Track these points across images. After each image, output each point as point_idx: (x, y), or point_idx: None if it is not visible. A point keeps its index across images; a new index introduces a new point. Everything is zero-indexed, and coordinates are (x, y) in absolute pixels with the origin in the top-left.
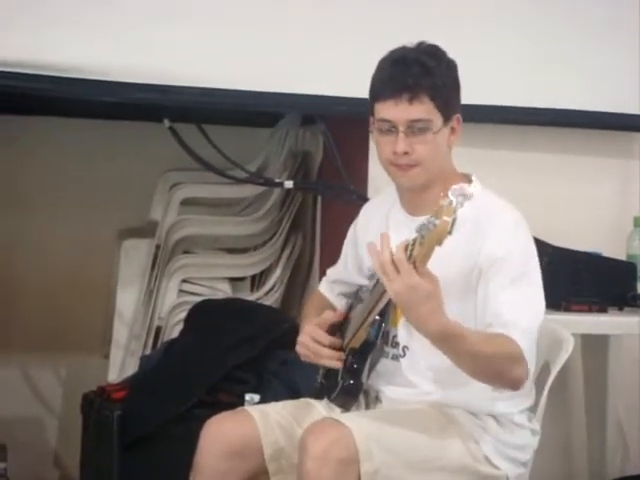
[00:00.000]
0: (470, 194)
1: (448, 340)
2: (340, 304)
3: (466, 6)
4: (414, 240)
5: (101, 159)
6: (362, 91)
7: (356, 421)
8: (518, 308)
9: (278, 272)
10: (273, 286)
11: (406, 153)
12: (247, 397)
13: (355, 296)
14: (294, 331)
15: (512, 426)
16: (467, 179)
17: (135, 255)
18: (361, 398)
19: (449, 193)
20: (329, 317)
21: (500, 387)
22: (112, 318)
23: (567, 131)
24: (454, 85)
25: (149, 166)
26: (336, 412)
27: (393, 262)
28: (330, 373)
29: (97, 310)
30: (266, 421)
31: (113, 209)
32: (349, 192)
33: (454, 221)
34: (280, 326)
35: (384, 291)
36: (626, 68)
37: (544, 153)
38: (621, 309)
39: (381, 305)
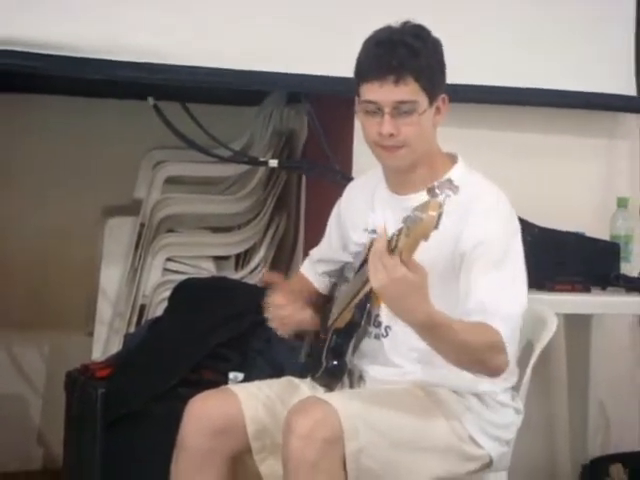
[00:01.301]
0: (457, 187)
1: (433, 330)
2: (324, 283)
3: None
4: (399, 231)
5: (85, 137)
6: (347, 70)
7: (341, 400)
8: (499, 294)
9: (262, 251)
10: (257, 265)
11: (392, 135)
12: (231, 375)
13: (339, 274)
14: None
15: (496, 405)
16: (452, 159)
17: (119, 233)
18: (345, 378)
19: (435, 187)
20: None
21: (480, 374)
22: (96, 296)
23: (552, 111)
24: (439, 65)
25: (133, 144)
26: (320, 391)
27: (378, 256)
28: (314, 351)
29: (81, 288)
30: (250, 400)
31: (97, 187)
32: (333, 171)
33: (440, 216)
34: (264, 305)
35: (364, 284)
36: (612, 49)
37: (529, 133)
38: (604, 289)
39: (367, 288)
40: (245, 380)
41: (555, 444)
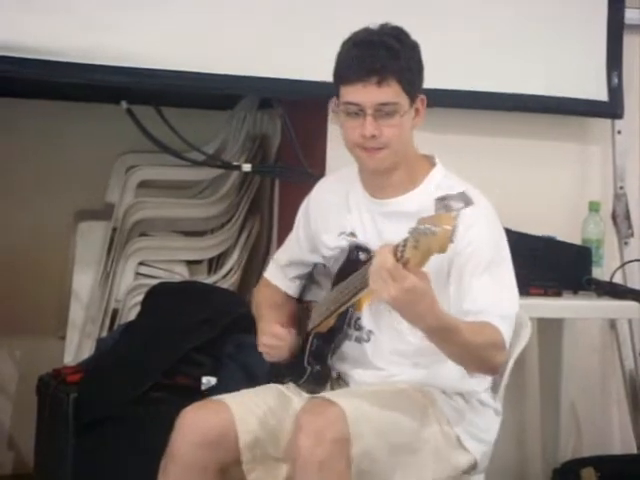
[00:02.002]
0: (470, 200)
1: (443, 332)
2: (295, 288)
3: None
4: (405, 241)
5: (57, 141)
6: (320, 74)
7: (349, 402)
8: (494, 294)
9: (235, 255)
10: (230, 269)
11: (374, 136)
12: (204, 380)
13: (309, 277)
14: (250, 314)
15: (479, 405)
16: (430, 162)
17: (91, 237)
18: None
19: (447, 198)
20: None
21: (479, 373)
22: (68, 300)
23: (523, 116)
24: (418, 67)
25: (106, 148)
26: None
27: (387, 268)
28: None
29: (53, 292)
30: (242, 410)
31: (69, 191)
32: (307, 175)
33: (455, 229)
34: (237, 309)
35: (363, 287)
36: (584, 54)
37: (500, 137)
38: (576, 293)
39: (358, 297)
40: (218, 384)
41: (527, 447)
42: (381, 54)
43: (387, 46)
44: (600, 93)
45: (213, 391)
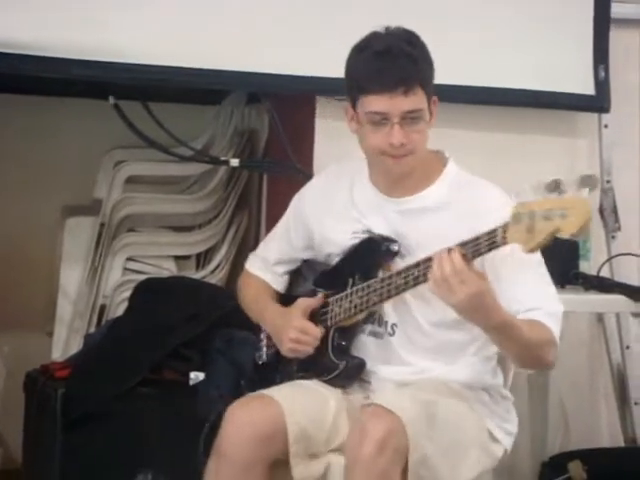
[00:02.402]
0: (597, 181)
1: (505, 330)
2: (284, 283)
3: None
4: (505, 226)
5: (45, 136)
6: (308, 69)
7: (408, 409)
8: (539, 291)
9: (223, 250)
10: (218, 264)
11: (402, 144)
12: (192, 375)
13: (298, 272)
14: (239, 309)
15: (500, 399)
16: (441, 157)
17: (79, 233)
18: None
19: (565, 186)
20: (311, 304)
21: (533, 368)
22: (56, 296)
23: (510, 110)
24: (432, 69)
25: (94, 144)
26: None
27: (456, 273)
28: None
29: (41, 288)
30: (289, 404)
31: (57, 187)
32: (295, 170)
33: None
34: (225, 304)
35: (408, 285)
36: (571, 48)
37: (488, 132)
38: (563, 287)
39: (400, 294)
40: (206, 380)
41: (515, 441)
42: (403, 63)
43: (407, 53)
44: (587, 87)
45: (201, 386)
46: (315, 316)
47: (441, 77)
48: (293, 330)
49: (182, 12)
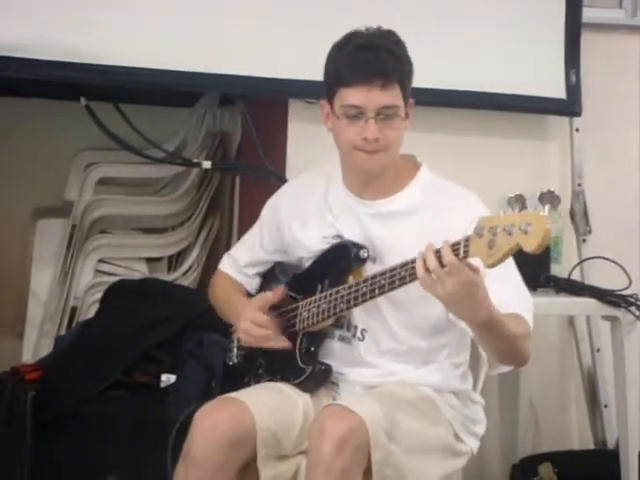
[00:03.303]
0: (557, 198)
1: (491, 325)
2: (254, 284)
3: None
4: (468, 240)
5: (16, 137)
6: (281, 72)
7: (368, 408)
8: (513, 290)
9: (195, 253)
10: (190, 266)
11: (377, 139)
12: (163, 377)
13: (269, 273)
14: (211, 312)
15: (469, 402)
16: (414, 162)
17: (50, 235)
18: None
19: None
20: (269, 298)
21: (511, 364)
22: (27, 298)
23: (482, 113)
24: (411, 70)
25: (65, 145)
26: (305, 397)
27: (443, 265)
28: (251, 355)
29: (11, 290)
30: (258, 407)
31: (28, 188)
32: (267, 173)
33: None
34: (197, 307)
35: (374, 293)
36: (542, 52)
37: (459, 135)
38: (534, 290)
39: (367, 302)
40: (177, 382)
41: (485, 443)
42: (384, 57)
43: (388, 49)
44: (558, 91)
45: (172, 388)
46: (284, 319)
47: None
48: (245, 321)
49: (155, 14)
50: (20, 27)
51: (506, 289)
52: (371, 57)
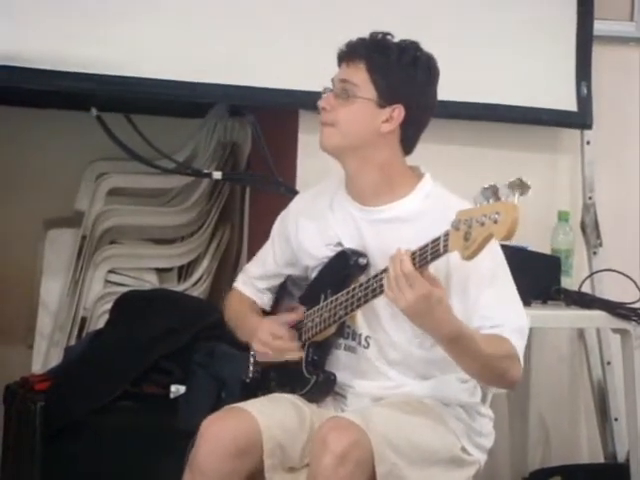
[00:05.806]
0: (527, 186)
1: (459, 341)
2: (266, 299)
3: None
4: (425, 247)
5: (27, 148)
6: (291, 83)
7: (372, 421)
8: (503, 308)
9: (205, 263)
10: (200, 277)
11: (324, 108)
12: (173, 388)
13: (281, 288)
14: (221, 322)
15: (476, 415)
16: (417, 172)
17: (61, 245)
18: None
19: (501, 190)
20: (293, 318)
21: (495, 386)
22: (37, 308)
23: (493, 125)
24: (407, 77)
25: (76, 155)
26: (312, 407)
27: (404, 275)
28: (265, 371)
29: (22, 300)
30: (265, 418)
31: (39, 199)
32: (277, 184)
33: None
34: (207, 317)
35: (367, 297)
36: (554, 64)
37: (471, 147)
38: (545, 302)
39: (361, 306)
40: (187, 393)
41: (495, 456)
42: (367, 42)
43: (377, 40)
44: (569, 103)
45: (182, 399)
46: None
47: None
48: (262, 332)
49: (165, 25)
50: (32, 39)
51: (497, 311)
52: (356, 40)
